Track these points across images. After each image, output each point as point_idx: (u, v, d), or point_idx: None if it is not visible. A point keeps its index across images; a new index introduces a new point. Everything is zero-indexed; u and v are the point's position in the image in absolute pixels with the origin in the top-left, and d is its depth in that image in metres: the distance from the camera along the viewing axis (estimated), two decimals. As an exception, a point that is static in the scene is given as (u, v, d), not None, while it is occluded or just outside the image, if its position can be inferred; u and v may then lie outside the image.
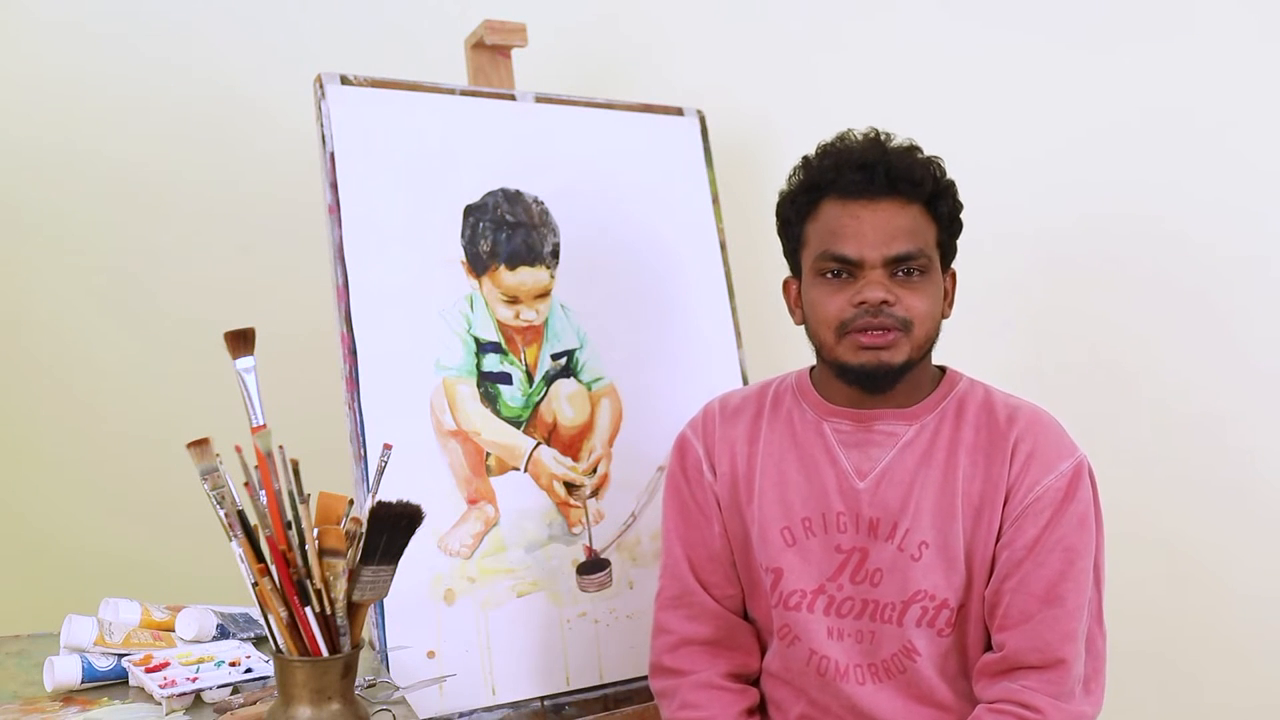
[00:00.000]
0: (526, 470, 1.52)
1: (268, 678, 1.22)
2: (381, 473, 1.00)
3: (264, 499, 0.96)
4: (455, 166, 1.54)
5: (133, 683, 1.22)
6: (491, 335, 1.53)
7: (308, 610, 0.95)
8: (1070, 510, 1.17)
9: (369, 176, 1.47)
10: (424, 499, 0.97)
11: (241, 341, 1.01)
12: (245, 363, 1.00)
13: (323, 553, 0.95)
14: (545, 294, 1.58)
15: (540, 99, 1.64)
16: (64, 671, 1.21)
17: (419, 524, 0.97)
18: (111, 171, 1.95)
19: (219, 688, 1.18)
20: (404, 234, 1.49)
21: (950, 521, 1.19)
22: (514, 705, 1.44)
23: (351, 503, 0.98)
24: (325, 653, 0.95)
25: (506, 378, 1.53)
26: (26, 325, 1.94)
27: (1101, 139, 1.70)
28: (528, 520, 1.51)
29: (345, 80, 1.49)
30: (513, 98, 1.62)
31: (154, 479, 1.84)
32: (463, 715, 1.40)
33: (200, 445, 0.95)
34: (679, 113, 1.77)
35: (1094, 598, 1.19)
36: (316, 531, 0.95)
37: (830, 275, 1.20)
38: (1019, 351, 1.76)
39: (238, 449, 0.96)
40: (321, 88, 1.47)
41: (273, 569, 0.95)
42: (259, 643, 1.35)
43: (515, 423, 1.53)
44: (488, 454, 1.49)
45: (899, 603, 1.21)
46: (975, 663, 1.21)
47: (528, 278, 1.57)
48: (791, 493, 1.26)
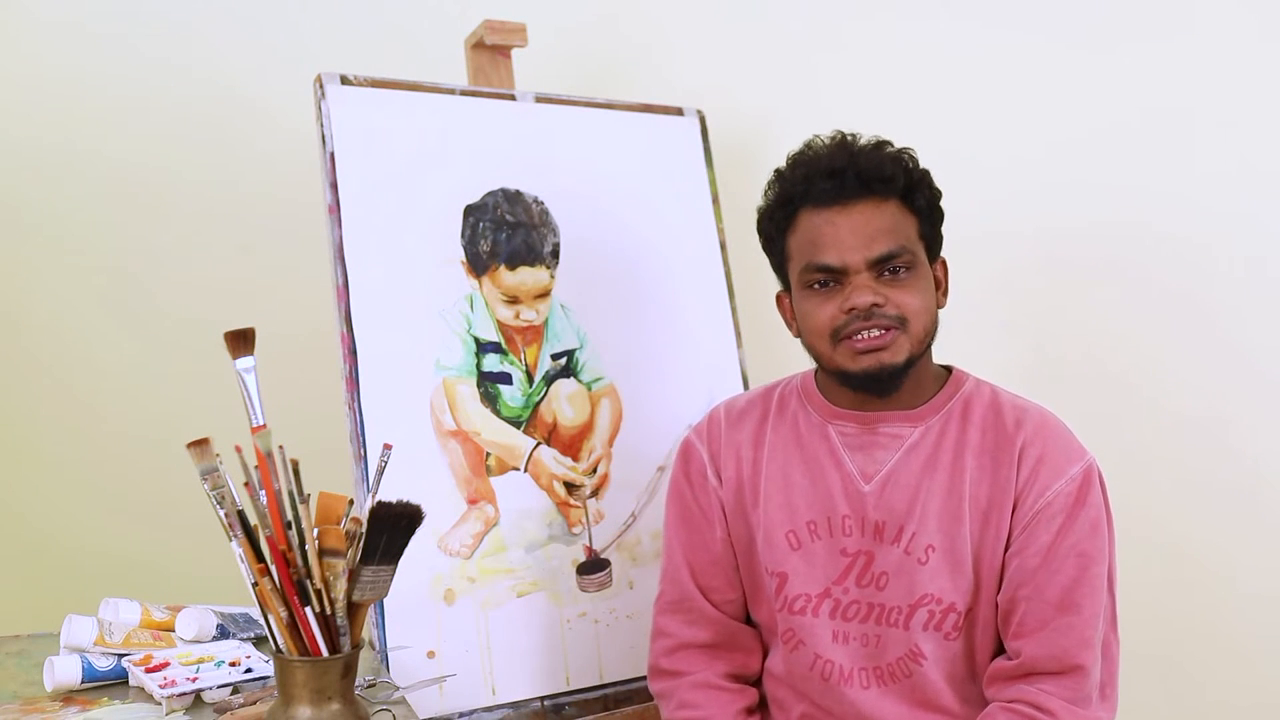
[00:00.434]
0: (526, 470, 1.52)
1: (268, 678, 1.22)
2: (381, 473, 1.00)
3: (264, 499, 0.96)
4: (455, 166, 1.54)
5: (133, 683, 1.22)
6: (491, 335, 1.53)
7: (308, 610, 0.95)
8: (1082, 515, 1.15)
9: (369, 176, 1.47)
10: (424, 499, 0.97)
11: (241, 341, 1.01)
12: (245, 363, 1.01)
13: (323, 553, 0.95)
14: (545, 294, 1.58)
15: (540, 99, 1.64)
16: (64, 671, 1.21)
17: (419, 524, 0.97)
18: (111, 171, 1.95)
19: (219, 688, 1.18)
20: (404, 234, 1.49)
21: (957, 525, 1.18)
22: (514, 705, 1.44)
23: (351, 503, 0.98)
24: (325, 653, 0.95)
25: (506, 378, 1.53)
26: (26, 325, 1.94)
27: (1101, 139, 1.70)
28: (528, 520, 1.50)
29: (345, 80, 1.49)
30: (513, 98, 1.62)
31: (154, 479, 1.83)
32: (463, 715, 1.40)
33: (200, 445, 0.95)
34: (679, 113, 1.77)
35: (1108, 604, 1.17)
36: (316, 531, 0.95)
37: (817, 286, 1.19)
38: (1019, 351, 1.76)
39: (238, 449, 0.96)
40: (321, 88, 1.47)
41: (273, 569, 0.95)
42: (259, 643, 1.35)
43: (515, 423, 1.53)
44: (488, 454, 1.49)
45: (905, 606, 1.19)
46: (981, 667, 1.20)
47: (528, 278, 1.57)
48: (796, 496, 1.25)
